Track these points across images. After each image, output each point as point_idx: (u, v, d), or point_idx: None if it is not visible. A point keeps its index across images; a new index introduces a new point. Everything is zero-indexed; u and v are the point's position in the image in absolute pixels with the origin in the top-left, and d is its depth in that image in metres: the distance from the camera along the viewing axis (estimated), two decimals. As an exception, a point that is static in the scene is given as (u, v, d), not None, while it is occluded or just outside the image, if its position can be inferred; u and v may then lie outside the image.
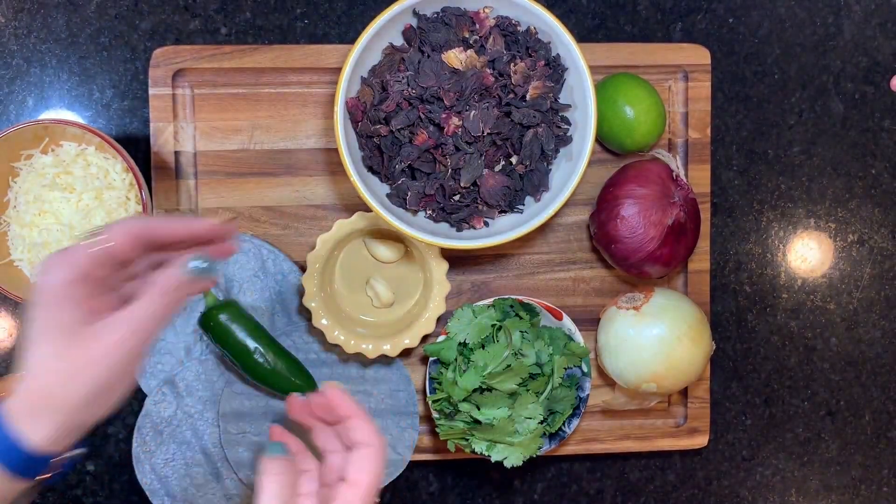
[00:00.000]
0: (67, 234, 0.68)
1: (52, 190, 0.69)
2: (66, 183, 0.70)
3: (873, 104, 0.85)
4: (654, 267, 0.75)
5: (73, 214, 0.69)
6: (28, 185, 0.70)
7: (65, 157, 0.71)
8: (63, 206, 0.69)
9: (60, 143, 0.71)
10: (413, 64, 0.69)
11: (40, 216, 0.70)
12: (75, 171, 0.70)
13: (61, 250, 0.48)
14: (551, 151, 0.72)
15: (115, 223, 0.50)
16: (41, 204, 0.69)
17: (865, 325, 0.86)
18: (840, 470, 0.87)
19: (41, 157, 0.70)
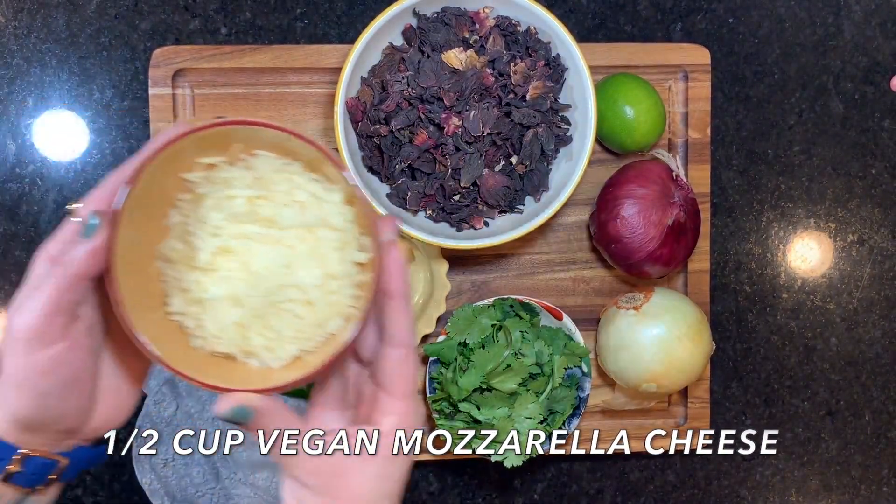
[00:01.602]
0: (258, 291, 0.44)
1: (243, 221, 0.45)
2: (264, 213, 0.45)
3: (873, 104, 0.85)
4: (654, 267, 0.75)
5: (272, 262, 0.44)
6: (204, 210, 0.45)
7: (263, 173, 0.46)
8: (259, 249, 0.45)
9: (254, 152, 0.46)
10: (413, 64, 0.69)
11: (221, 258, 0.45)
12: (278, 195, 0.45)
13: (43, 252, 0.42)
14: (551, 151, 0.72)
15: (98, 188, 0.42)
16: (224, 241, 0.45)
17: (865, 325, 0.86)
18: (840, 470, 0.87)
19: (228, 171, 0.45)
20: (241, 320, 0.44)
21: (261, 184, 0.45)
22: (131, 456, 0.75)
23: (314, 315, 0.45)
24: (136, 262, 0.43)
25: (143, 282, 0.44)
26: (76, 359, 0.43)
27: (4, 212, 0.78)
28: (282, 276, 0.44)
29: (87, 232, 0.41)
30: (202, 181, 0.45)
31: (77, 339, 0.43)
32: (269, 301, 0.44)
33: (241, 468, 0.75)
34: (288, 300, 0.44)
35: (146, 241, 0.44)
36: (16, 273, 0.78)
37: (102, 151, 0.78)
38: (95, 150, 0.78)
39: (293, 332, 0.45)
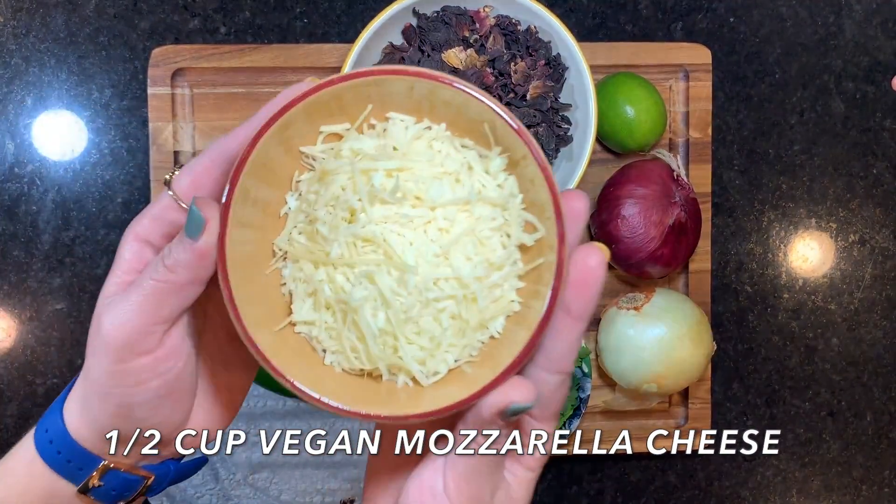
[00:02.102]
0: (409, 287, 0.35)
1: (383, 201, 0.36)
2: (409, 189, 0.36)
3: (874, 104, 0.85)
4: (655, 267, 0.75)
5: (424, 249, 0.35)
6: (333, 190, 0.36)
7: (399, 141, 0.37)
8: (404, 233, 0.36)
9: (387, 116, 0.37)
10: (413, 63, 0.69)
11: (357, 248, 0.36)
12: (420, 166, 0.36)
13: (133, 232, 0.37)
14: (552, 151, 0.71)
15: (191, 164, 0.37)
16: (363, 226, 0.35)
17: (867, 326, 0.86)
18: (841, 470, 0.87)
19: (357, 139, 0.37)
20: (386, 326, 0.35)
21: (400, 154, 0.36)
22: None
23: (476, 314, 0.36)
24: (248, 262, 0.36)
25: (257, 287, 0.36)
26: (172, 369, 0.38)
27: (3, 212, 0.77)
28: (436, 267, 0.35)
29: (193, 230, 0.34)
30: (326, 155, 0.37)
31: (175, 346, 0.37)
32: (423, 298, 0.35)
33: (240, 469, 0.75)
34: (445, 296, 0.35)
35: (262, 236, 0.37)
36: (14, 273, 0.77)
37: (101, 151, 0.78)
38: (94, 149, 0.78)
39: (451, 337, 0.36)
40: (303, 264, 0.37)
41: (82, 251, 0.78)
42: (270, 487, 0.75)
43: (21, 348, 0.78)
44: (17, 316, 0.78)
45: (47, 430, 0.39)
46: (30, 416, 0.77)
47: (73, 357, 0.78)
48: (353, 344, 0.36)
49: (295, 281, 0.37)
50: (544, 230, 0.35)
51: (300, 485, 0.76)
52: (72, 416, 0.39)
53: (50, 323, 0.78)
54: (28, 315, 0.78)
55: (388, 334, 0.36)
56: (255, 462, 0.75)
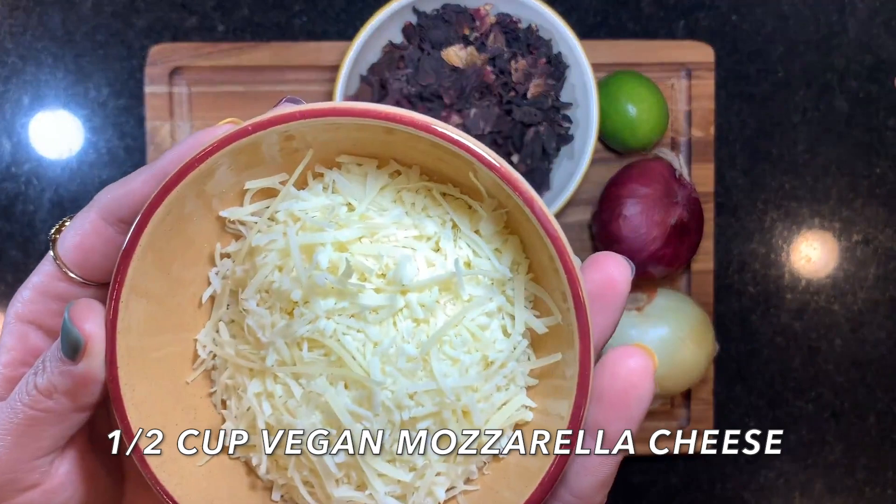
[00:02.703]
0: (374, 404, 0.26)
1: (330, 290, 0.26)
2: (364, 268, 0.26)
3: (878, 103, 0.85)
4: (657, 267, 0.74)
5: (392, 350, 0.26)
6: (267, 275, 0.27)
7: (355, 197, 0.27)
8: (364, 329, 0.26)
9: (334, 165, 0.28)
10: (412, 61, 0.68)
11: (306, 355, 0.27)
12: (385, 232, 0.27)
13: None
14: (553, 150, 0.71)
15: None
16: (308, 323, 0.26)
17: (870, 326, 0.86)
18: (845, 472, 0.86)
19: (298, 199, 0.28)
20: (349, 460, 0.26)
21: (355, 216, 0.26)
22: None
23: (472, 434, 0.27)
24: (161, 369, 0.27)
25: (175, 400, 0.27)
26: (71, 498, 0.30)
27: (0, 211, 0.77)
28: (412, 376, 0.26)
29: (69, 350, 0.26)
30: (256, 223, 0.27)
31: (69, 475, 0.29)
32: (395, 421, 0.26)
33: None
34: (426, 414, 0.26)
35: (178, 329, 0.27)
36: (11, 273, 0.77)
37: (98, 150, 0.78)
38: (91, 148, 0.78)
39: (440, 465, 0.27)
40: (230, 374, 0.27)
41: (79, 251, 0.77)
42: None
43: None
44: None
45: None
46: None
47: (70, 358, 0.77)
48: (304, 477, 0.27)
49: (227, 392, 0.28)
50: (559, 317, 0.25)
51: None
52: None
53: (47, 323, 0.77)
54: (25, 315, 0.77)
55: (352, 468, 0.27)
56: (254, 464, 0.75)
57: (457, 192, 0.27)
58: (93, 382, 0.26)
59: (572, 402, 0.24)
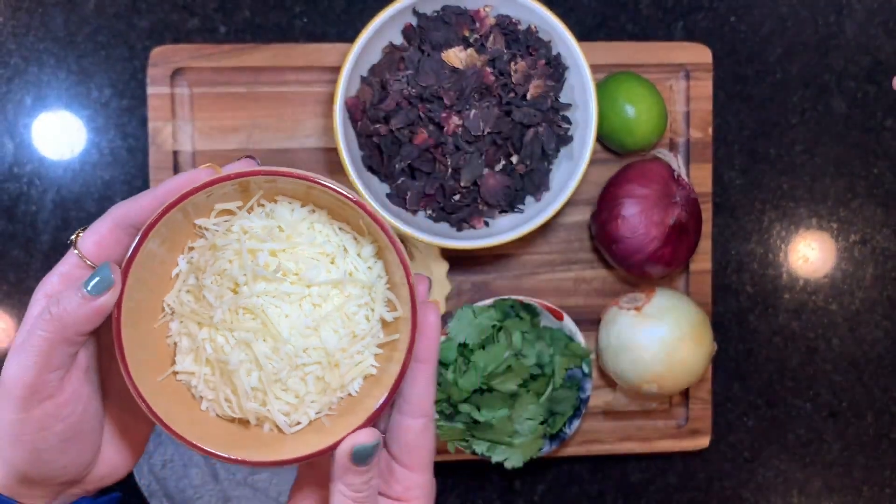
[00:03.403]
0: (280, 354, 0.40)
1: (265, 277, 0.40)
2: (289, 268, 0.41)
3: (876, 103, 0.85)
4: (656, 267, 0.75)
5: (297, 323, 0.40)
6: (221, 263, 0.41)
7: (286, 224, 0.41)
8: (283, 307, 0.40)
9: (275, 199, 0.42)
10: (413, 63, 0.69)
11: (239, 316, 0.41)
12: (303, 248, 0.41)
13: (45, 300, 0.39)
14: (552, 151, 0.71)
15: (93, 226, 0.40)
16: (244, 297, 0.40)
17: (868, 326, 0.86)
18: (842, 471, 0.86)
19: (247, 218, 0.41)
20: (259, 385, 0.40)
21: (284, 235, 0.41)
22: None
23: (338, 378, 0.41)
24: (140, 315, 0.40)
25: (147, 337, 0.41)
26: (74, 412, 0.40)
27: (2, 211, 0.77)
28: (306, 338, 0.40)
29: (95, 288, 0.37)
30: (218, 230, 0.41)
31: (75, 391, 0.39)
32: (291, 364, 0.40)
33: (240, 469, 0.75)
34: (312, 362, 0.41)
35: (153, 292, 0.41)
36: (13, 273, 0.77)
37: (101, 151, 0.78)
38: (94, 149, 0.78)
39: (314, 395, 0.41)
40: (188, 322, 0.41)
41: (81, 251, 0.77)
42: (270, 488, 0.75)
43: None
44: (17, 316, 0.78)
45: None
46: (29, 416, 0.77)
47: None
48: (226, 395, 0.41)
49: (180, 335, 0.42)
50: (402, 311, 0.41)
51: (300, 485, 0.76)
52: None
53: (49, 323, 0.78)
54: (27, 315, 0.78)
55: (259, 391, 0.41)
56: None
57: (349, 228, 0.42)
58: (106, 313, 0.38)
59: (405, 351, 0.40)
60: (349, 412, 0.41)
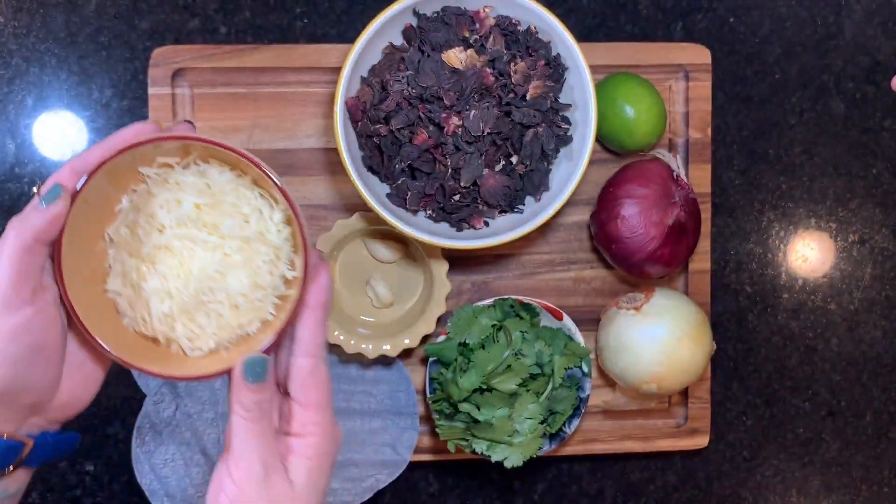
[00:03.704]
0: (191, 292, 0.48)
1: (187, 224, 0.48)
2: (209, 220, 0.49)
3: (874, 104, 0.85)
4: (655, 267, 0.75)
5: (207, 266, 0.48)
6: (154, 207, 0.49)
7: (215, 184, 0.49)
8: (197, 251, 0.48)
9: (209, 161, 0.50)
10: (413, 63, 0.69)
11: (163, 252, 0.49)
12: (225, 206, 0.49)
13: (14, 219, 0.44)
14: (551, 151, 0.71)
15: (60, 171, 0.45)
16: (169, 238, 0.48)
17: (866, 326, 0.86)
18: (841, 470, 0.87)
19: (182, 173, 0.49)
20: (169, 311, 0.49)
21: (210, 192, 0.49)
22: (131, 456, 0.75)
23: (237, 318, 0.49)
24: (85, 238, 0.47)
25: (88, 257, 0.48)
26: (43, 325, 0.45)
27: (3, 211, 0.77)
28: (213, 280, 0.48)
29: (46, 199, 0.44)
30: (156, 178, 0.49)
31: (43, 307, 0.45)
32: (198, 299, 0.48)
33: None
34: (215, 301, 0.49)
35: (97, 221, 0.48)
36: (15, 273, 0.77)
37: (102, 151, 0.78)
38: (95, 149, 0.78)
39: (214, 328, 0.49)
40: (122, 251, 0.49)
41: (83, 251, 0.78)
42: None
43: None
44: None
45: None
46: (30, 415, 0.78)
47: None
48: (143, 316, 0.49)
49: (115, 261, 0.49)
50: (299, 272, 0.48)
51: (300, 484, 0.76)
52: None
53: (50, 323, 0.78)
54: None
55: (169, 317, 0.49)
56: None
57: (268, 196, 0.49)
58: (57, 222, 0.44)
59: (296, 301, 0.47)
60: (244, 347, 0.49)
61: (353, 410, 0.77)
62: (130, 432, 0.76)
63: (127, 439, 0.78)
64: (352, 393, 0.77)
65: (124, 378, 0.77)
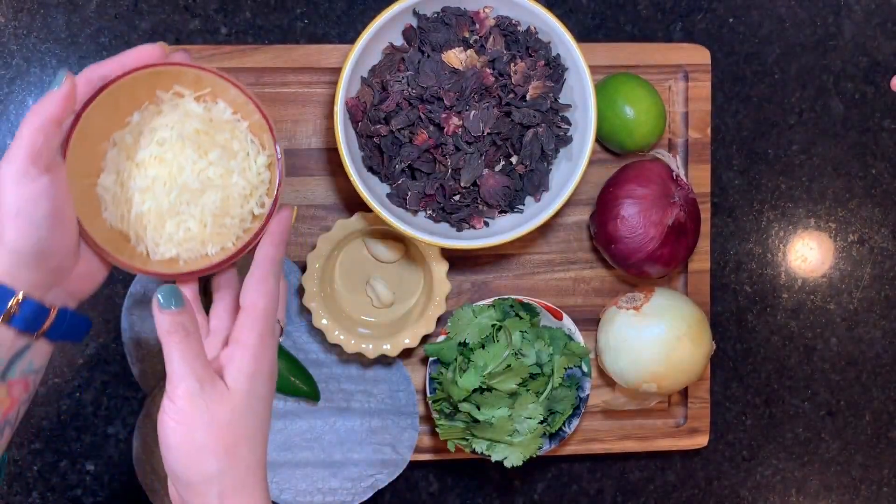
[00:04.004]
0: (171, 199, 0.55)
1: (184, 143, 0.56)
2: (203, 146, 0.56)
3: (873, 104, 0.85)
4: (655, 267, 0.75)
5: (191, 181, 0.55)
6: (161, 122, 0.56)
7: (217, 119, 0.57)
8: (187, 166, 0.56)
9: (217, 101, 0.58)
10: (413, 64, 0.69)
11: (156, 161, 0.56)
12: (219, 140, 0.56)
13: None
14: (551, 151, 0.71)
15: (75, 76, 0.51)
16: (165, 150, 0.56)
17: (866, 325, 0.86)
18: (840, 470, 0.87)
19: (191, 103, 0.57)
20: (146, 212, 0.55)
21: (211, 124, 0.56)
22: (131, 456, 0.75)
23: (202, 234, 0.56)
24: (91, 138, 0.54)
25: (90, 154, 0.54)
26: (59, 194, 0.50)
27: (4, 212, 0.78)
28: (192, 194, 0.55)
29: (56, 82, 0.49)
30: (169, 102, 0.56)
31: (58, 180, 0.50)
32: (175, 208, 0.55)
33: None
34: (188, 214, 0.55)
35: (110, 125, 0.55)
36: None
37: (102, 151, 0.78)
38: (95, 149, 0.78)
39: (180, 239, 0.55)
40: (121, 153, 0.56)
41: (83, 251, 0.78)
42: (271, 486, 0.75)
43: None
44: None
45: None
46: (30, 415, 0.78)
47: (73, 355, 0.78)
48: (123, 213, 0.56)
49: (110, 160, 0.56)
50: (266, 211, 0.56)
51: (300, 484, 0.76)
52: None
53: (51, 323, 0.78)
54: (29, 315, 0.78)
55: (145, 216, 0.55)
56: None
57: (259, 143, 0.58)
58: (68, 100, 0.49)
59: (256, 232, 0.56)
60: (201, 263, 0.56)
61: (353, 410, 0.77)
62: (131, 432, 0.76)
63: (127, 439, 0.78)
64: (352, 393, 0.77)
65: (124, 378, 0.78)
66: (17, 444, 0.78)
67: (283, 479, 0.76)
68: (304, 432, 0.77)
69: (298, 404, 0.77)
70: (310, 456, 0.76)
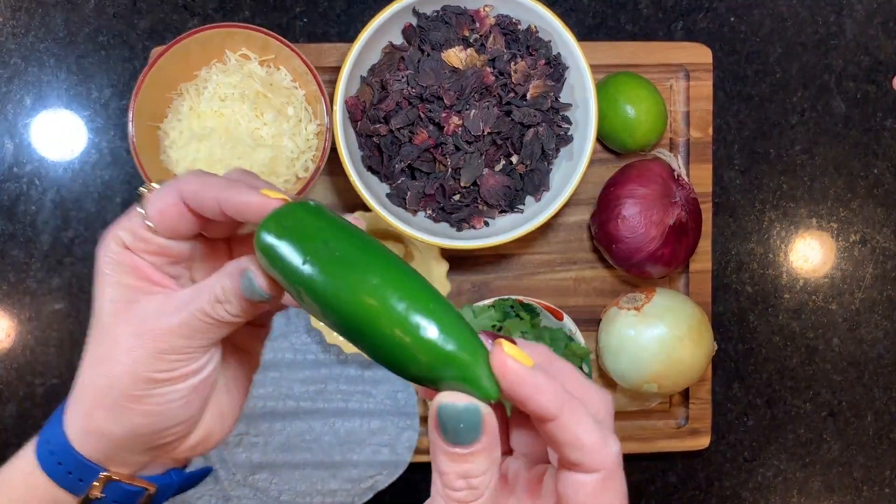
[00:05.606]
0: (224, 151, 0.61)
1: (243, 101, 0.62)
2: (260, 107, 0.63)
3: (875, 103, 0.85)
4: (656, 267, 0.75)
5: (245, 138, 0.61)
6: (228, 81, 0.63)
7: (277, 84, 0.65)
8: (244, 124, 0.62)
9: (279, 67, 0.66)
10: (413, 63, 0.69)
11: (215, 115, 0.63)
12: (276, 103, 0.64)
13: None
14: (552, 151, 0.71)
15: (164, 187, 0.38)
16: (225, 105, 0.63)
17: (867, 326, 0.86)
18: (842, 471, 0.86)
19: (256, 67, 0.64)
20: (201, 157, 0.62)
21: (272, 88, 0.63)
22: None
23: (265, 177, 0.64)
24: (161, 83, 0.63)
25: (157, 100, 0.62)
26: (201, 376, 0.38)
27: (2, 211, 0.77)
28: (245, 146, 0.61)
29: (256, 294, 0.36)
30: (236, 63, 0.65)
31: (205, 364, 0.38)
32: (225, 161, 0.60)
33: (240, 469, 0.75)
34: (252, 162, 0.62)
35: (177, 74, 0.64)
36: (13, 272, 0.77)
37: (101, 151, 0.78)
38: (94, 149, 0.78)
39: None
40: (185, 102, 0.65)
41: (81, 251, 0.77)
42: (270, 488, 0.75)
43: (20, 349, 0.78)
44: (17, 316, 0.78)
45: (48, 441, 0.39)
46: (29, 416, 0.77)
47: (72, 357, 0.77)
48: (179, 158, 0.63)
49: (176, 108, 0.66)
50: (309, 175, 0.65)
51: (300, 485, 0.76)
52: (74, 425, 0.38)
53: (49, 323, 0.78)
54: (27, 315, 0.78)
55: (199, 161, 0.62)
56: (255, 463, 0.75)
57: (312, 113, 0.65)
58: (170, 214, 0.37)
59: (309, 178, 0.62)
60: None
61: (353, 411, 0.77)
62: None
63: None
64: (351, 393, 0.77)
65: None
66: (16, 445, 0.77)
67: (282, 481, 0.76)
68: (303, 433, 0.76)
69: (298, 405, 0.76)
70: (309, 457, 0.76)
